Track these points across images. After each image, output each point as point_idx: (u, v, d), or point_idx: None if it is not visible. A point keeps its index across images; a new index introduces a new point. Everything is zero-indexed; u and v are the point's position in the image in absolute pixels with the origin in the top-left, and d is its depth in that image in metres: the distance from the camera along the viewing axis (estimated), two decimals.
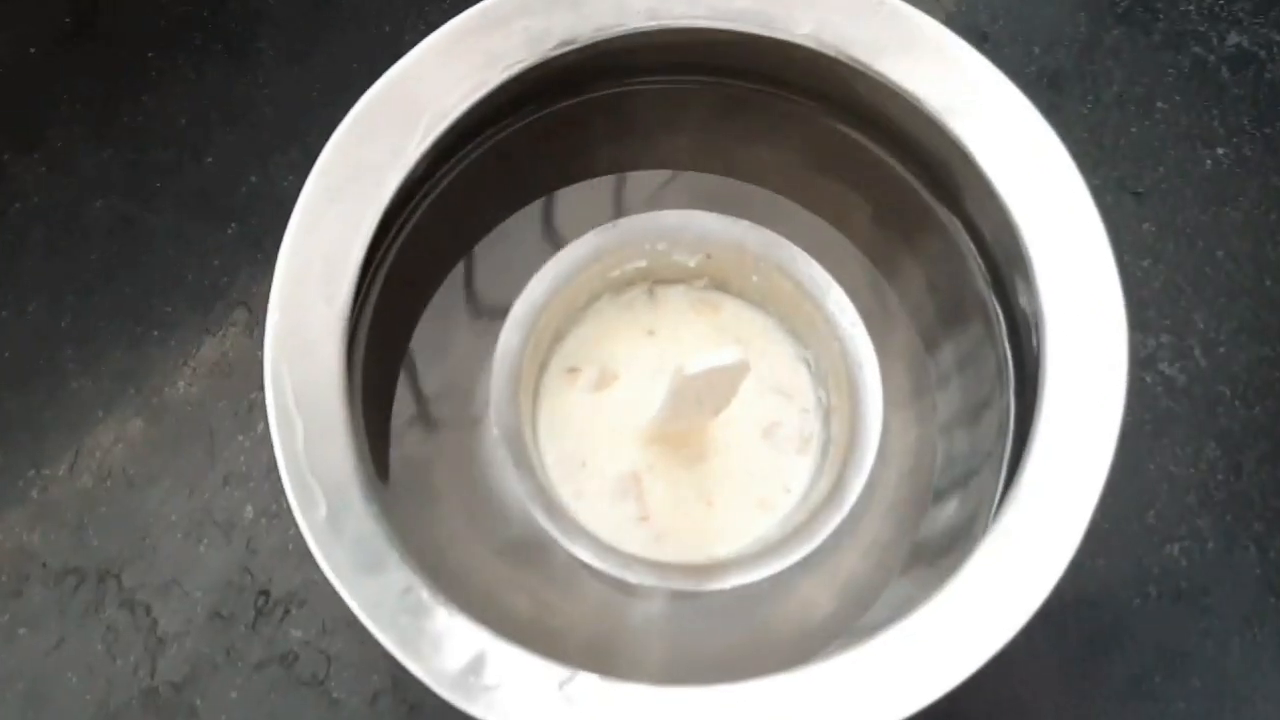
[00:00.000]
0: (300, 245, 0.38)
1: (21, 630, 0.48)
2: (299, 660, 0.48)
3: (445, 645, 0.36)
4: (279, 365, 0.37)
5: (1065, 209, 0.39)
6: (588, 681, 0.35)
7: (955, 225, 0.43)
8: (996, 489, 0.40)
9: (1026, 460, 0.37)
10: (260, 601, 0.49)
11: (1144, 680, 0.50)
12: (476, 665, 0.35)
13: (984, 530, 0.38)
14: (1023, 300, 0.40)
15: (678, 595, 0.45)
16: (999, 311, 0.43)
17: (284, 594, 0.49)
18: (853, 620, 0.42)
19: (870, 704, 0.35)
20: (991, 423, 0.42)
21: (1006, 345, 0.42)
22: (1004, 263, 0.41)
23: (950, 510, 0.43)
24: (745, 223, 0.42)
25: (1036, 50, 0.58)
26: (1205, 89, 0.58)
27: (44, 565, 0.49)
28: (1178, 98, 0.57)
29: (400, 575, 0.36)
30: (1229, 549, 0.51)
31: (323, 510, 0.36)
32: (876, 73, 0.40)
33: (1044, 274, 0.38)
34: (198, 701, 0.48)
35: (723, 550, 0.42)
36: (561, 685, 0.35)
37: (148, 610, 0.49)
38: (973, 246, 0.43)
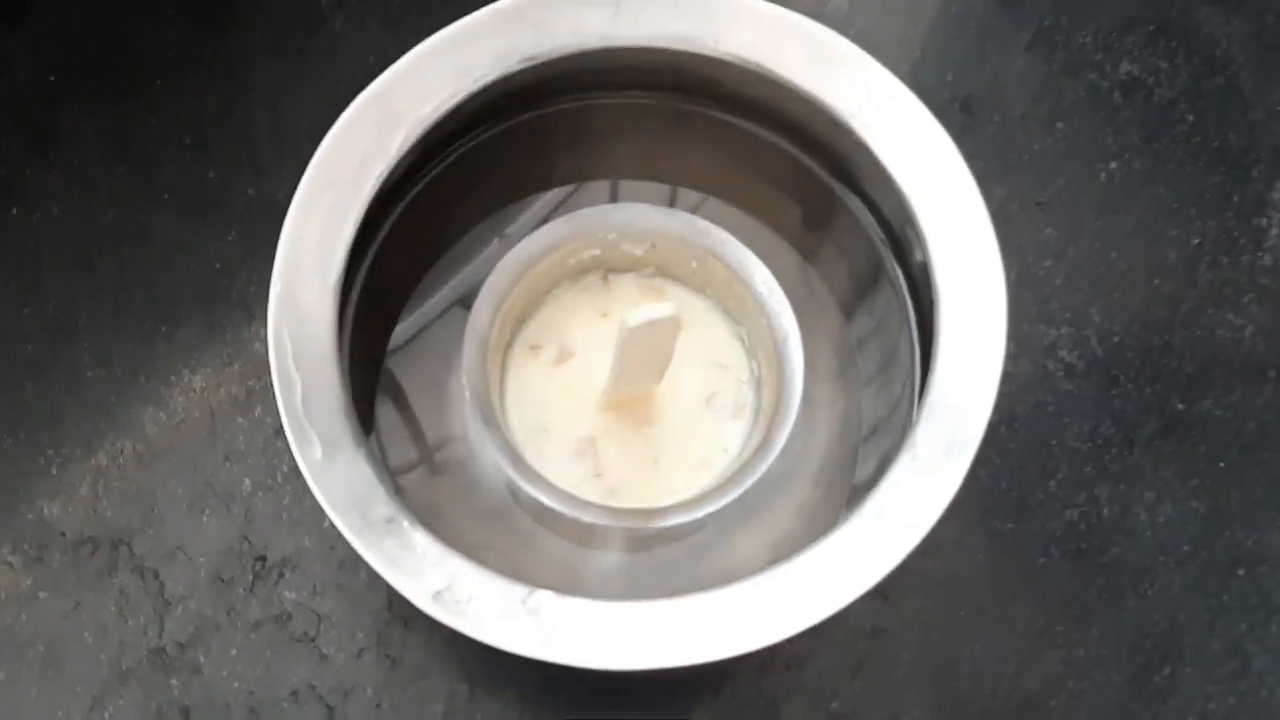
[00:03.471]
0: (298, 228, 0.43)
1: (42, 594, 0.53)
2: (292, 619, 0.53)
3: (423, 566, 0.40)
4: (280, 330, 0.42)
5: (946, 179, 0.45)
6: (545, 596, 0.40)
7: (859, 206, 0.49)
8: (908, 424, 0.44)
9: (929, 386, 0.43)
10: (257, 566, 0.54)
11: (1049, 630, 0.54)
12: (450, 583, 0.40)
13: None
14: (916, 253, 0.45)
15: (631, 544, 0.50)
16: (897, 268, 0.48)
17: (279, 559, 0.54)
18: None
19: (793, 611, 0.40)
20: (903, 365, 0.48)
21: (907, 295, 0.48)
22: (898, 227, 0.47)
23: (874, 455, 0.48)
24: (685, 215, 0.48)
25: (950, 77, 0.63)
26: (1100, 111, 0.63)
27: (62, 535, 0.54)
28: (1076, 118, 0.63)
29: (385, 508, 0.40)
30: (1123, 514, 0.56)
31: (318, 452, 0.41)
32: (790, 82, 0.46)
33: (929, 227, 0.44)
34: (201, 658, 0.52)
35: (668, 501, 0.47)
36: (523, 600, 0.40)
37: (156, 575, 0.53)
38: (873, 220, 0.49)
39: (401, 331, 0.51)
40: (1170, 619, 0.55)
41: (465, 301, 0.49)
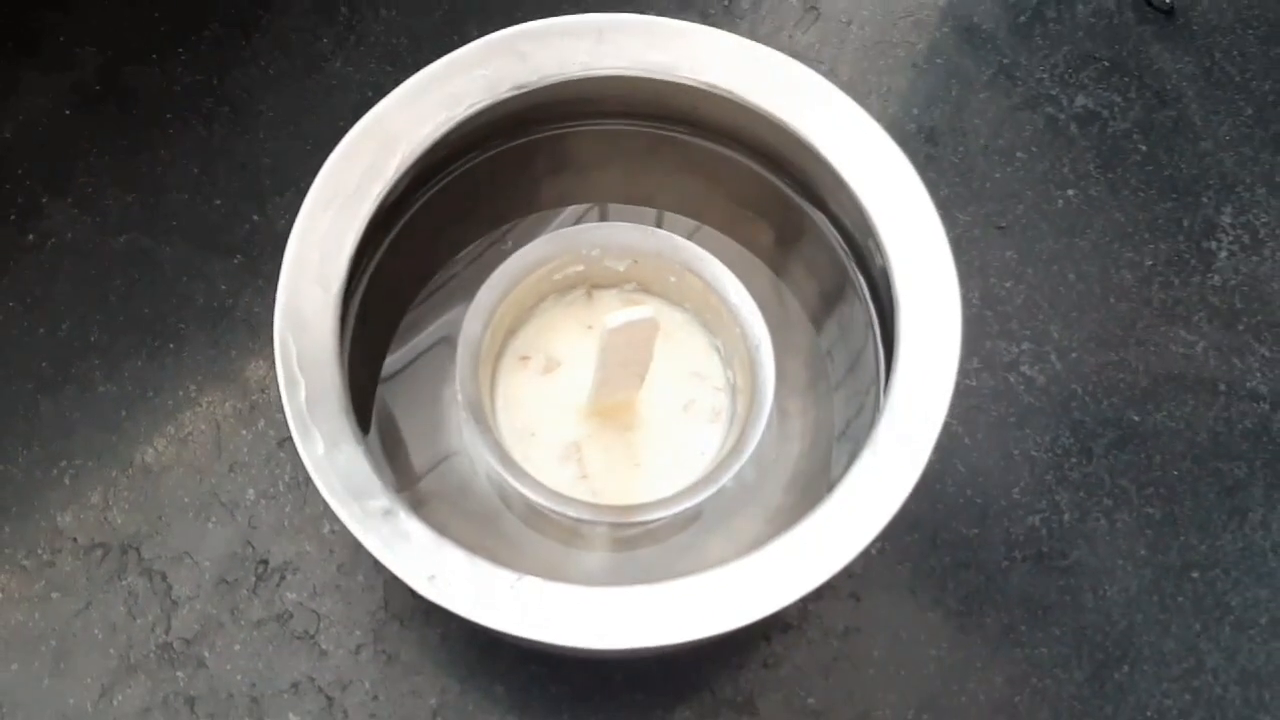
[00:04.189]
0: (302, 242, 0.46)
1: (54, 595, 0.55)
2: (293, 618, 0.56)
3: (418, 553, 0.42)
4: (285, 336, 0.45)
5: (903, 195, 0.48)
6: (532, 582, 0.42)
7: (825, 223, 0.52)
8: (871, 422, 0.47)
9: (890, 387, 0.45)
10: (260, 569, 0.56)
11: (1012, 630, 0.57)
12: (443, 569, 0.42)
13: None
14: (877, 262, 0.49)
15: (613, 544, 0.52)
16: (861, 279, 0.52)
17: (280, 563, 0.56)
18: None
19: (759, 596, 0.42)
20: (869, 369, 0.50)
21: (870, 304, 0.51)
22: (860, 240, 0.50)
23: (845, 453, 0.51)
24: (663, 232, 0.51)
25: (915, 110, 0.67)
26: (1057, 141, 0.67)
27: (74, 540, 0.56)
28: (1034, 149, 0.66)
29: (383, 500, 0.43)
30: (1082, 520, 0.59)
31: (320, 448, 0.43)
32: (762, 110, 0.50)
33: (888, 238, 0.47)
34: (206, 654, 0.55)
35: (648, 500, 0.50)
36: (511, 585, 0.42)
37: (163, 577, 0.56)
38: (838, 235, 0.52)
39: (398, 356, 0.54)
40: (1128, 620, 0.57)
41: (455, 328, 0.52)
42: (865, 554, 0.43)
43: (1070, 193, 0.66)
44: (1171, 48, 0.69)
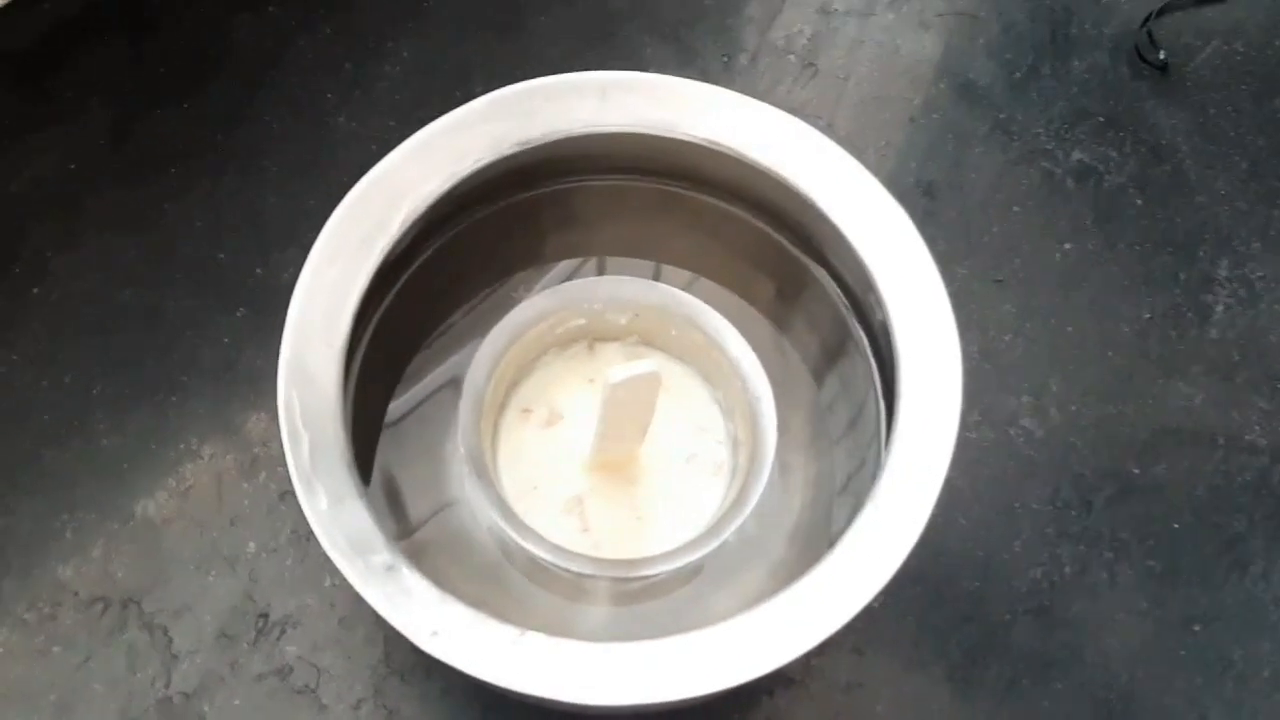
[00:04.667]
0: (307, 297, 0.47)
1: (55, 649, 0.55)
2: (293, 672, 0.55)
3: (421, 608, 0.42)
4: (289, 391, 0.45)
5: (903, 249, 0.49)
6: (535, 638, 0.42)
7: (826, 278, 0.53)
8: (873, 476, 0.47)
9: (892, 441, 0.45)
10: (260, 623, 0.56)
11: (1015, 685, 0.56)
12: (447, 624, 0.42)
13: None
14: (878, 316, 0.49)
15: (616, 599, 0.52)
16: (862, 332, 0.52)
17: (281, 617, 0.56)
18: None
19: (763, 652, 0.42)
20: (871, 423, 0.51)
21: (871, 357, 0.51)
22: (861, 294, 0.51)
23: (847, 507, 0.51)
24: (664, 286, 0.52)
25: (913, 165, 0.68)
26: (1054, 196, 0.67)
27: (75, 594, 0.56)
28: (1031, 203, 0.67)
29: (386, 555, 0.43)
30: (1083, 573, 0.59)
31: (324, 503, 0.43)
32: (763, 166, 0.50)
33: (889, 291, 0.48)
34: (206, 708, 0.54)
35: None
36: (514, 641, 0.42)
37: (164, 631, 0.56)
38: (839, 290, 0.53)
39: (400, 404, 0.54)
40: (1130, 674, 0.57)
41: (458, 382, 0.52)
42: (868, 608, 0.43)
43: (1067, 246, 0.66)
44: (1166, 103, 0.70)
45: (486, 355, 0.50)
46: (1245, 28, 0.74)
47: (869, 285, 0.48)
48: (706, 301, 0.52)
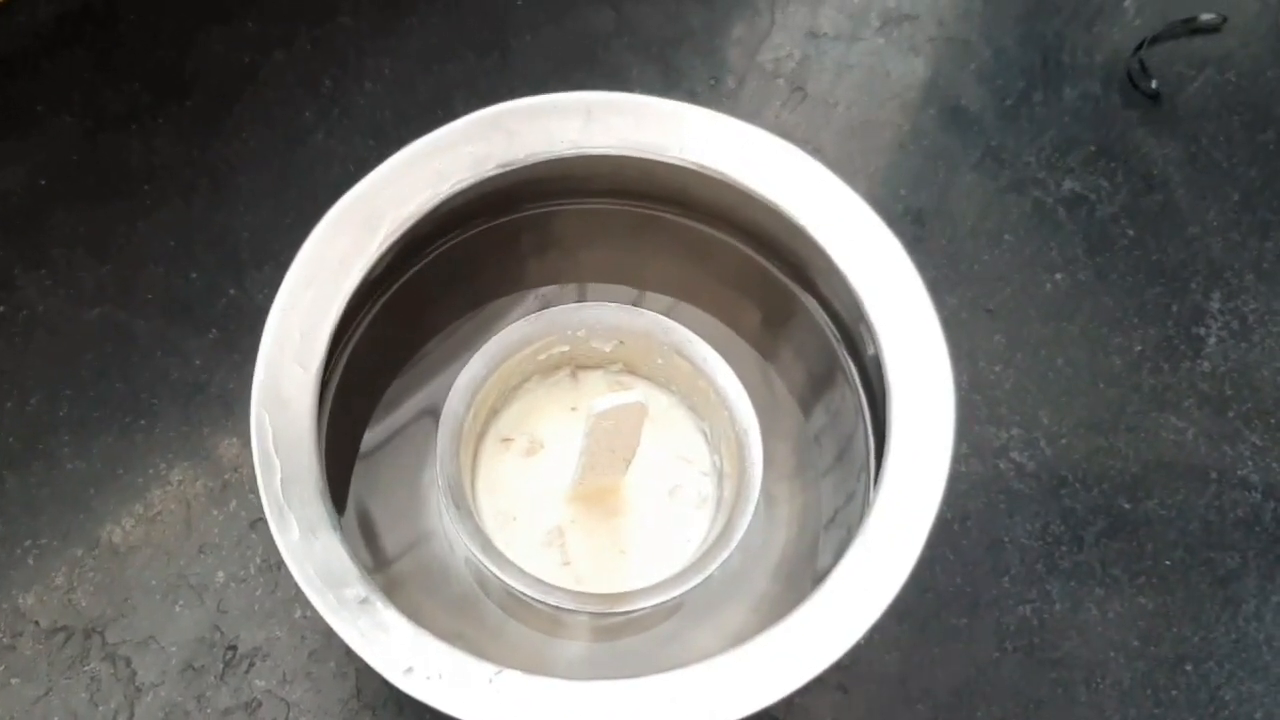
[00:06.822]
0: (283, 319, 0.45)
1: (14, 680, 0.53)
2: (262, 706, 0.53)
3: (395, 644, 0.41)
4: (262, 415, 0.44)
5: (894, 278, 0.48)
6: (512, 676, 0.41)
7: (815, 306, 0.52)
8: (864, 513, 0.46)
9: (882, 476, 0.44)
10: (228, 655, 0.54)
11: None
12: (421, 661, 0.41)
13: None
14: (869, 348, 0.48)
15: (596, 634, 0.51)
16: (851, 364, 0.51)
17: (249, 649, 0.54)
18: None
19: (745, 693, 0.41)
20: (859, 457, 0.50)
21: (861, 390, 0.50)
22: (851, 324, 0.50)
23: (833, 543, 0.50)
24: (650, 313, 0.50)
25: (903, 191, 0.67)
26: (1045, 225, 0.67)
27: (36, 624, 0.54)
28: (1022, 232, 0.66)
29: (359, 588, 0.42)
30: (1074, 610, 0.58)
31: (296, 534, 0.42)
32: (751, 190, 0.49)
33: (880, 323, 0.47)
34: None
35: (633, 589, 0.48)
36: (490, 679, 0.41)
37: (128, 663, 0.54)
38: (828, 319, 0.52)
39: (377, 431, 0.53)
40: (1121, 714, 0.56)
41: (435, 409, 0.51)
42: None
43: (1058, 276, 0.65)
44: (1158, 133, 0.70)
45: (466, 382, 0.48)
46: (1237, 57, 0.73)
47: (860, 315, 0.47)
48: (691, 329, 0.50)
